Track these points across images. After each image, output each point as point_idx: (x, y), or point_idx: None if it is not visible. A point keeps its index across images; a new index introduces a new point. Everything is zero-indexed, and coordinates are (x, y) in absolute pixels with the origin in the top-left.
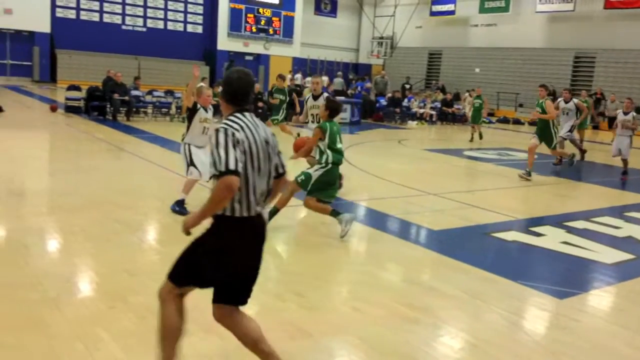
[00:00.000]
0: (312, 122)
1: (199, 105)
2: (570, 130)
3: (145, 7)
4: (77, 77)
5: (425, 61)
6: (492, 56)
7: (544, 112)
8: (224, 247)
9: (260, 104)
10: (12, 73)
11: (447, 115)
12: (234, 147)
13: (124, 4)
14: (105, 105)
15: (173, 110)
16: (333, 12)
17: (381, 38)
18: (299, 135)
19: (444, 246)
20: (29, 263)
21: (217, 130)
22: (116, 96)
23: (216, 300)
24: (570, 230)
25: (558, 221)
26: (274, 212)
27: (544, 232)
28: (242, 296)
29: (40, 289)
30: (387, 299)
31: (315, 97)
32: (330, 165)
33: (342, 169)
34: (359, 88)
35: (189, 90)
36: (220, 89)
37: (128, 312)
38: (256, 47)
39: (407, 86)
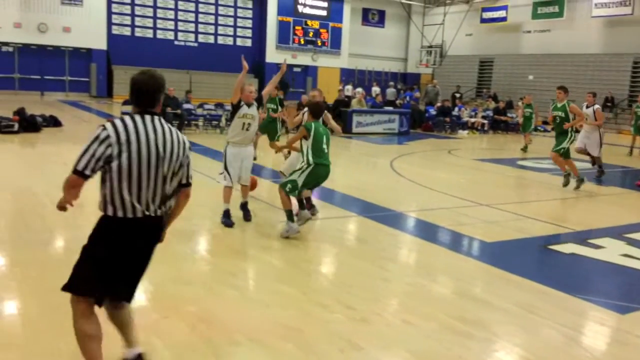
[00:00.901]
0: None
1: (242, 102)
2: (601, 144)
3: (196, 22)
4: None
5: (476, 69)
6: (546, 63)
7: (565, 116)
8: (93, 239)
9: None
10: (71, 89)
11: (499, 124)
12: (97, 148)
13: (176, 20)
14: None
15: (223, 122)
16: (381, 22)
17: (430, 47)
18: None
19: (497, 258)
20: None
21: (98, 127)
22: (169, 110)
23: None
24: (631, 242)
25: (618, 233)
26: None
27: (603, 245)
28: (102, 293)
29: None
30: (438, 311)
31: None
32: (312, 165)
33: (390, 178)
34: (407, 98)
35: (237, 84)
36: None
37: (180, 321)
38: (304, 59)
39: (457, 95)
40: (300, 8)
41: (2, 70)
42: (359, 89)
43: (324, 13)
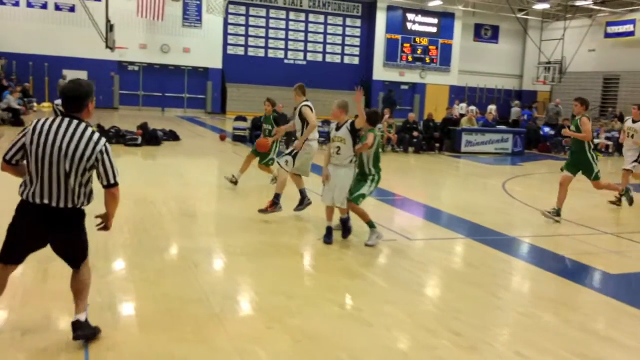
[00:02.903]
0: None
1: (332, 123)
2: (637, 160)
3: (305, 41)
4: (244, 109)
5: (600, 87)
6: None
7: (578, 131)
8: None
9: (415, 134)
10: (189, 105)
11: None
12: (20, 139)
13: (286, 39)
14: None
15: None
16: (494, 37)
17: (548, 63)
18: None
19: (622, 292)
20: (198, 280)
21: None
22: None
23: None
24: None
25: None
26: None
27: None
28: (10, 256)
29: (207, 305)
30: (555, 346)
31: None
32: (378, 175)
33: (502, 200)
34: (525, 116)
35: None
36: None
37: (284, 334)
38: (412, 76)
39: None
40: (409, 25)
41: (128, 88)
42: (473, 107)
43: (433, 30)
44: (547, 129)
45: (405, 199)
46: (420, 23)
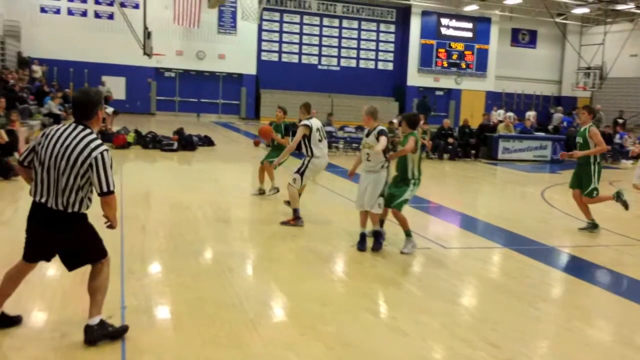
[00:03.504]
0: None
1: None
2: None
3: (339, 47)
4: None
5: None
6: None
7: (584, 143)
8: None
9: (450, 140)
10: (223, 111)
11: None
12: (31, 145)
13: (320, 45)
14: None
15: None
16: (532, 42)
17: (588, 68)
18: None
19: None
20: (233, 285)
21: None
22: None
23: None
24: None
25: None
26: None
27: None
28: (27, 254)
29: (241, 310)
30: None
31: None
32: (417, 182)
33: (540, 209)
34: (565, 123)
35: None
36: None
37: (318, 340)
38: (447, 82)
39: (620, 121)
40: (443, 30)
41: (165, 94)
42: (510, 114)
43: (469, 35)
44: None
45: (440, 207)
46: (456, 28)
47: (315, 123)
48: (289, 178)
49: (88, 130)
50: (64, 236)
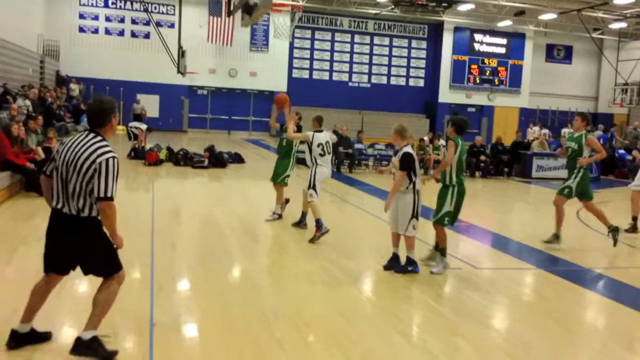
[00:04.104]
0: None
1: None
2: None
3: (370, 64)
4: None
5: None
6: None
7: (579, 149)
8: None
9: (482, 158)
10: (254, 128)
11: None
12: (53, 155)
13: (351, 62)
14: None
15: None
16: (567, 58)
17: (625, 84)
18: (287, 201)
19: None
20: (260, 302)
21: None
22: (341, 149)
23: None
24: None
25: None
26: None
27: None
28: (47, 265)
29: (268, 328)
30: None
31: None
32: (456, 185)
33: (575, 229)
34: (601, 140)
35: None
36: None
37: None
38: (479, 99)
39: None
40: (477, 46)
41: (197, 111)
42: (546, 131)
43: (502, 50)
44: (627, 156)
45: (471, 226)
46: (489, 44)
47: (319, 137)
48: (308, 197)
49: (99, 138)
50: (77, 241)
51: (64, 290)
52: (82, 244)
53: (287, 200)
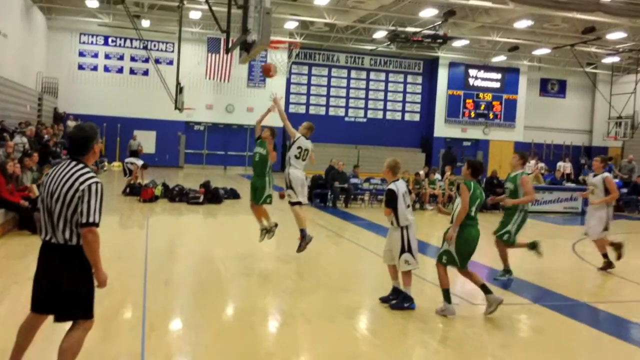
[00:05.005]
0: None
1: None
2: (606, 227)
3: (366, 99)
4: (304, 167)
5: None
6: None
7: (514, 190)
8: None
9: None
10: (250, 163)
11: None
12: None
13: (347, 97)
14: (326, 192)
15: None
16: (561, 92)
17: (619, 118)
18: (275, 225)
19: None
20: (255, 344)
21: None
22: (337, 184)
23: None
24: None
25: None
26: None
27: None
28: (33, 302)
29: None
30: None
31: None
32: (464, 229)
33: (572, 263)
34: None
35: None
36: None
37: None
38: (474, 132)
39: None
40: (471, 81)
41: (194, 147)
42: (542, 164)
43: (497, 85)
44: (618, 182)
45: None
46: (483, 79)
47: (303, 141)
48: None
49: (80, 165)
50: (62, 271)
51: (55, 335)
52: (66, 275)
53: (276, 225)
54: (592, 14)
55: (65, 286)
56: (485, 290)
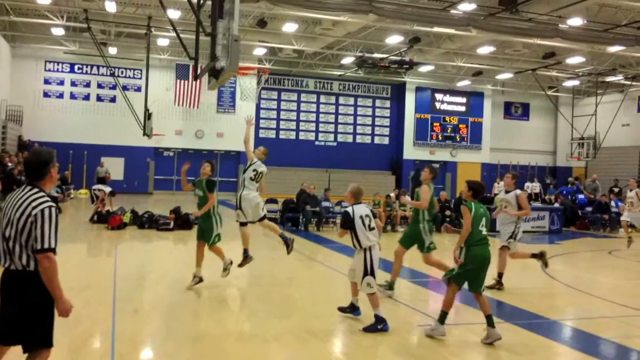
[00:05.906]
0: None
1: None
2: (514, 237)
3: (336, 123)
4: (275, 191)
5: (637, 161)
6: None
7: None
8: None
9: (447, 213)
10: (221, 189)
11: None
12: None
13: (317, 122)
14: (298, 216)
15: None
16: (525, 115)
17: (582, 139)
18: (231, 263)
19: None
20: None
21: None
22: (308, 207)
23: None
24: None
25: None
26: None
27: None
28: None
29: None
30: None
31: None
32: (469, 249)
33: (541, 282)
34: (563, 192)
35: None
36: None
37: None
38: (442, 155)
39: (616, 190)
40: (438, 105)
41: (163, 173)
42: (535, 183)
43: (462, 109)
44: (582, 198)
45: (439, 281)
46: (449, 102)
47: (260, 165)
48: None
49: (35, 190)
50: (21, 297)
51: None
52: (24, 301)
53: (231, 262)
54: (551, 39)
55: (24, 313)
56: (489, 322)
